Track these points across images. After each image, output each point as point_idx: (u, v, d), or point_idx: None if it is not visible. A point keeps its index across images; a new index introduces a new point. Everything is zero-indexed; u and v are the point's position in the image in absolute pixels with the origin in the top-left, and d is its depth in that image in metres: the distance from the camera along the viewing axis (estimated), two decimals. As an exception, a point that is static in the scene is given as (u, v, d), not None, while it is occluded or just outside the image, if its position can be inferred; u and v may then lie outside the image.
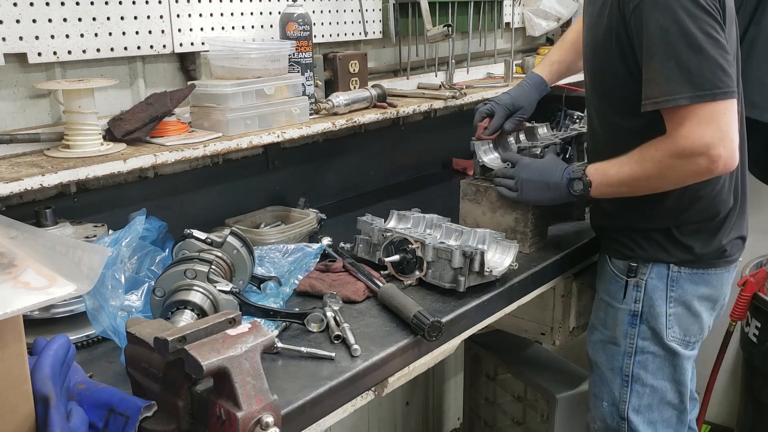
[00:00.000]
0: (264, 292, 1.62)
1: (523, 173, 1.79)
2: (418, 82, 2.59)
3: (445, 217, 1.85)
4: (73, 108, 1.60)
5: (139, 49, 1.82)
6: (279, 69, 1.93)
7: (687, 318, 1.80)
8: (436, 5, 2.63)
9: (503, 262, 1.73)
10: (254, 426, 0.98)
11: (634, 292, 1.80)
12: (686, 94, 1.48)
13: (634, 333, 1.82)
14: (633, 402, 1.85)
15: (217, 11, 1.98)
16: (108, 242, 1.46)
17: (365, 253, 1.82)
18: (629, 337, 1.82)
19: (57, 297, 0.93)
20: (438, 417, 3.23)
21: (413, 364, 1.49)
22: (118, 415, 1.03)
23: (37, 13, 1.61)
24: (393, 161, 2.68)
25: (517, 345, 2.60)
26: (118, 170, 1.57)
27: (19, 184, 1.42)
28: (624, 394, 1.86)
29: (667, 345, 1.81)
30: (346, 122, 2.07)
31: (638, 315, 1.81)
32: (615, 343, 1.86)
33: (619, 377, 1.86)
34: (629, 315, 1.82)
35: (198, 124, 1.87)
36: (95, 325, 1.33)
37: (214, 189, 2.06)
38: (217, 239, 1.57)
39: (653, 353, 1.82)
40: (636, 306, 1.81)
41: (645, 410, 1.86)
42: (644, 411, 1.86)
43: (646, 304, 1.79)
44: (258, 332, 1.04)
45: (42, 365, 1.00)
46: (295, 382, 1.28)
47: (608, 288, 1.87)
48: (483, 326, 1.72)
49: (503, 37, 3.17)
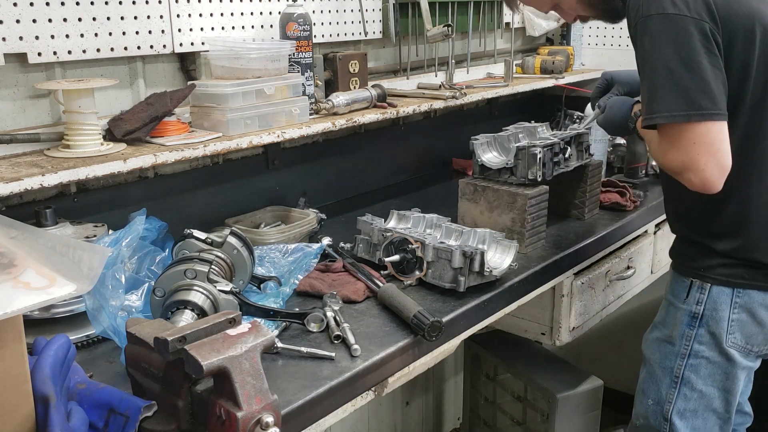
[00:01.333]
0: (264, 292, 1.62)
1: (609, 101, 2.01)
2: (418, 82, 2.59)
3: (445, 217, 1.85)
4: (73, 108, 1.60)
5: (139, 49, 1.82)
6: (279, 69, 1.93)
7: (751, 326, 1.75)
8: (436, 5, 2.63)
9: (503, 262, 1.73)
10: (254, 426, 0.98)
11: (698, 293, 1.77)
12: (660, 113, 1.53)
13: (691, 335, 1.79)
14: (679, 404, 1.83)
15: (217, 11, 1.98)
16: (108, 242, 1.46)
17: (365, 253, 1.83)
18: (686, 338, 1.80)
19: (57, 297, 0.92)
20: (438, 417, 3.22)
21: (413, 364, 1.49)
22: (118, 415, 1.03)
23: (37, 13, 1.61)
24: (393, 161, 2.68)
25: (517, 345, 2.60)
26: (118, 170, 1.57)
27: (19, 184, 1.42)
28: (671, 395, 1.84)
29: (725, 350, 1.76)
30: (346, 122, 2.07)
31: (698, 317, 1.77)
32: (671, 342, 1.83)
33: (669, 377, 1.84)
34: (689, 316, 1.79)
35: (198, 124, 1.87)
36: (95, 325, 1.33)
37: (214, 189, 2.06)
38: (217, 239, 1.57)
39: (708, 358, 1.78)
40: (698, 308, 1.77)
41: (690, 415, 1.83)
42: (689, 416, 1.83)
43: (709, 306, 1.76)
44: (258, 332, 1.04)
45: (42, 365, 1.00)
46: (295, 382, 1.28)
47: (673, 287, 1.85)
48: (483, 326, 1.72)
49: (503, 37, 3.17)
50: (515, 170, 1.93)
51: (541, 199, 1.93)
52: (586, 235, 2.08)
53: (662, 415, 1.86)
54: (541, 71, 2.97)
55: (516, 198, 1.89)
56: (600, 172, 2.24)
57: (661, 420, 1.86)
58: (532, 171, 1.90)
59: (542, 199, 1.93)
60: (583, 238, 2.06)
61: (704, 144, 1.51)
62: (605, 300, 2.26)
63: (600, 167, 2.23)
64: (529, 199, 1.88)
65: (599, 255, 2.16)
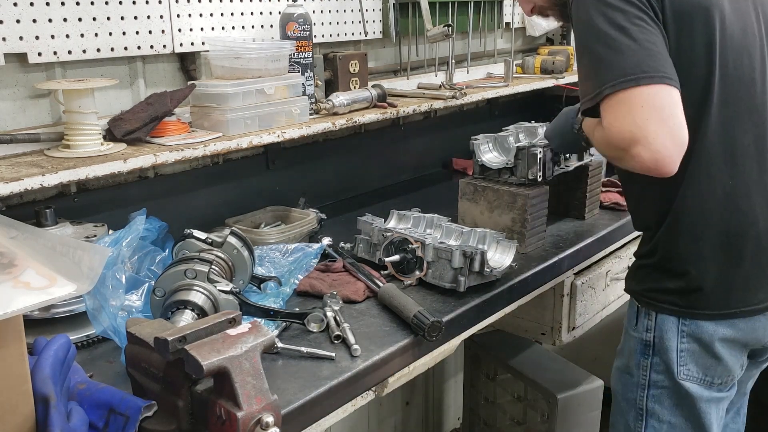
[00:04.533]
0: (264, 292, 1.62)
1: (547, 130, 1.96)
2: (418, 82, 2.59)
3: (445, 217, 1.85)
4: (73, 108, 1.60)
5: (139, 49, 1.82)
6: (279, 69, 1.93)
7: (705, 357, 1.56)
8: (436, 5, 2.63)
9: (503, 262, 1.73)
10: (254, 426, 0.98)
11: (645, 320, 1.61)
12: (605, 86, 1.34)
13: (647, 364, 1.62)
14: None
15: (217, 11, 1.98)
16: (108, 242, 1.46)
17: (365, 253, 1.83)
18: (642, 368, 1.63)
19: (57, 297, 0.92)
20: (438, 417, 3.22)
21: (413, 364, 1.49)
22: (119, 415, 1.03)
23: (38, 13, 1.61)
24: (393, 161, 2.68)
25: (517, 345, 2.60)
26: (118, 170, 1.57)
27: (19, 184, 1.42)
28: (639, 427, 1.67)
29: (679, 383, 1.58)
30: (346, 122, 2.07)
31: (650, 345, 1.61)
32: (629, 372, 1.67)
33: (633, 409, 1.67)
34: (641, 344, 1.63)
35: (198, 124, 1.87)
36: (95, 325, 1.33)
37: (214, 189, 2.06)
38: (217, 239, 1.57)
39: (668, 388, 1.60)
40: (648, 335, 1.61)
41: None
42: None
43: (657, 334, 1.59)
44: (258, 332, 1.04)
45: (42, 365, 1.00)
46: (295, 382, 1.28)
47: (628, 312, 1.70)
48: (483, 326, 1.72)
49: (503, 37, 3.17)
50: (515, 170, 1.93)
51: (541, 199, 1.93)
52: (586, 235, 2.08)
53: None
54: (542, 71, 2.97)
55: (516, 198, 1.89)
56: (600, 172, 2.24)
57: None
58: (532, 171, 1.90)
59: (542, 199, 1.93)
60: (583, 238, 2.06)
61: (653, 108, 1.30)
62: (605, 300, 2.26)
63: (600, 167, 2.23)
64: (530, 199, 1.88)
65: (599, 255, 2.16)
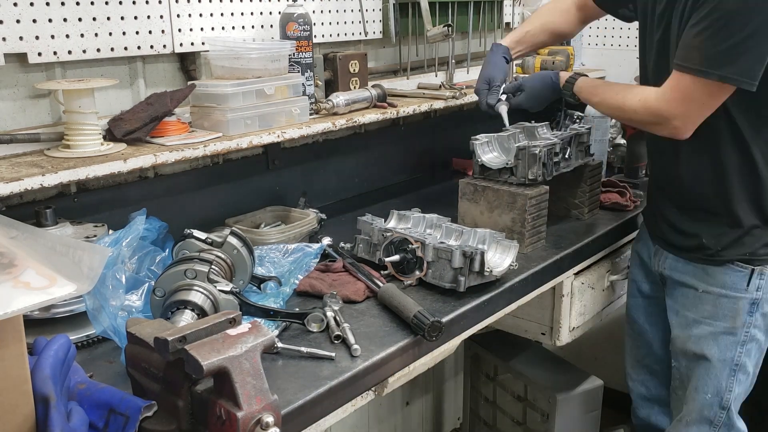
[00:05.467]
0: (264, 292, 1.62)
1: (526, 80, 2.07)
2: (418, 82, 2.59)
3: (445, 217, 1.85)
4: (73, 108, 1.60)
5: (139, 49, 1.82)
6: (279, 69, 1.93)
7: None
8: (436, 5, 2.63)
9: (503, 262, 1.73)
10: (254, 426, 0.98)
11: (758, 279, 1.80)
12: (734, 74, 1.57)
13: (750, 322, 1.82)
14: (736, 391, 1.87)
15: (217, 11, 1.98)
16: (108, 242, 1.46)
17: (365, 253, 1.83)
18: (746, 326, 1.83)
19: (57, 297, 0.93)
20: (438, 417, 3.22)
21: (413, 364, 1.49)
22: (119, 415, 1.03)
23: (38, 13, 1.61)
24: (393, 161, 2.68)
25: (517, 345, 2.60)
26: (118, 170, 1.57)
27: (19, 184, 1.42)
28: (730, 384, 1.86)
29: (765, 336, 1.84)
30: (346, 122, 2.07)
31: (757, 303, 1.81)
32: (732, 333, 1.84)
33: (728, 367, 1.86)
34: (749, 303, 1.81)
35: (198, 124, 1.87)
36: (95, 325, 1.33)
37: (214, 189, 2.06)
38: (217, 239, 1.57)
39: (758, 341, 1.85)
40: (758, 294, 1.80)
41: (739, 399, 1.89)
42: (738, 399, 1.89)
43: (765, 290, 1.80)
44: (258, 332, 1.04)
45: (42, 365, 1.00)
46: (295, 382, 1.28)
47: (722, 280, 1.83)
48: (483, 326, 1.72)
49: (503, 37, 3.16)
50: (515, 170, 1.93)
51: (541, 199, 1.93)
52: (586, 235, 2.08)
53: (720, 405, 1.88)
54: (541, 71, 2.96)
55: (516, 198, 1.89)
56: (600, 172, 2.24)
57: (718, 410, 1.88)
58: (532, 171, 1.90)
59: (542, 199, 1.93)
60: (583, 238, 2.06)
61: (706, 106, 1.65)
62: (605, 300, 2.26)
63: (600, 167, 2.23)
64: (530, 199, 1.88)
65: (599, 255, 2.16)
